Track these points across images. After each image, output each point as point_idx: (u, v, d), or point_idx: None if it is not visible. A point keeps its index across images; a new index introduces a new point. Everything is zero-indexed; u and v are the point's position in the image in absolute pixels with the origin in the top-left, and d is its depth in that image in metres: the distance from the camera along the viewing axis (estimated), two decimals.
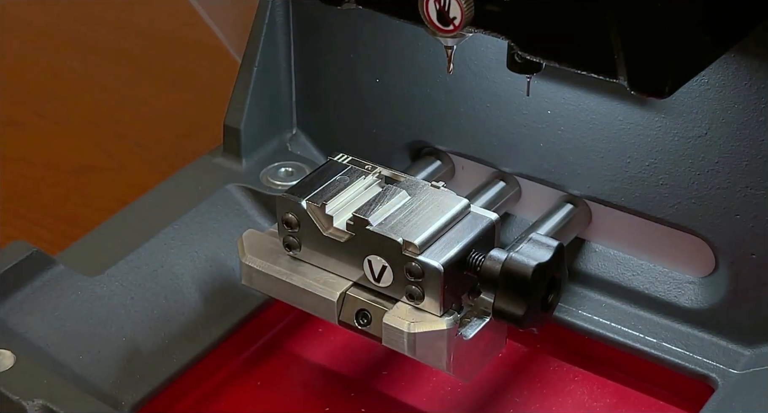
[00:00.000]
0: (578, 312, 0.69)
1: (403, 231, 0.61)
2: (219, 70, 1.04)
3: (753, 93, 0.61)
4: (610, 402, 0.69)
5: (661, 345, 0.67)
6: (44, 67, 1.12)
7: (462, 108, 0.71)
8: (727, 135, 0.63)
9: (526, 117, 0.69)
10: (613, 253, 0.70)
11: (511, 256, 0.60)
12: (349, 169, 0.65)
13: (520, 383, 0.70)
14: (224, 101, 0.78)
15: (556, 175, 0.69)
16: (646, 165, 0.66)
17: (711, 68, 0.59)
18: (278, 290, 0.64)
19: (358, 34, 0.74)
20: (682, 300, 0.68)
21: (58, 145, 1.01)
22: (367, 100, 0.75)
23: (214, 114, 0.85)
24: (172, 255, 0.72)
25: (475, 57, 0.69)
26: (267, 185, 0.76)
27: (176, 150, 0.99)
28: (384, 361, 0.71)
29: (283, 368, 0.71)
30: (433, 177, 0.73)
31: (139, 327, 0.69)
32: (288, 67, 0.78)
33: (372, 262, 0.61)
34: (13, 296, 0.67)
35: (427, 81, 0.72)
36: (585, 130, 0.67)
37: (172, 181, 0.77)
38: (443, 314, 0.60)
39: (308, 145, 0.80)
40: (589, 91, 0.66)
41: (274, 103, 0.79)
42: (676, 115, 0.64)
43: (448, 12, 0.53)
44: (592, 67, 0.52)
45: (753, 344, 0.66)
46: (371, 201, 0.63)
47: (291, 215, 0.63)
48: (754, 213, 0.64)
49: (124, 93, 1.08)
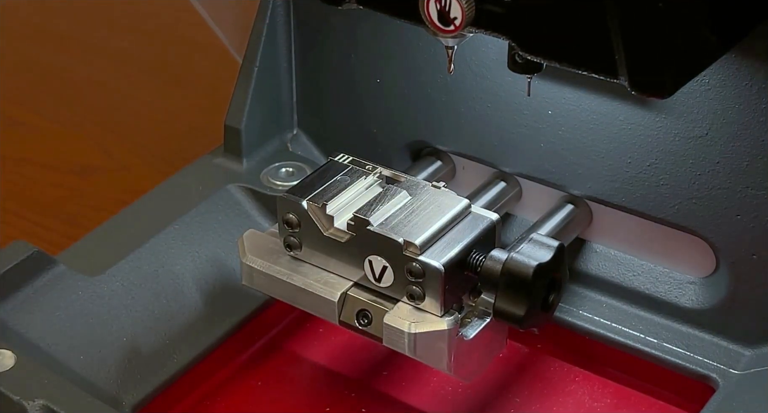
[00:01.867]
0: (579, 313, 0.69)
1: (403, 232, 0.61)
2: (220, 70, 1.04)
3: (754, 93, 0.61)
4: (610, 402, 0.69)
5: (662, 346, 0.67)
6: (44, 67, 1.12)
7: (463, 108, 0.71)
8: (728, 135, 0.63)
9: (526, 117, 0.69)
10: (613, 253, 0.70)
11: (512, 256, 0.60)
12: (350, 169, 0.65)
13: (521, 383, 0.70)
14: (225, 101, 0.78)
15: (557, 175, 0.69)
16: (646, 165, 0.66)
17: (712, 68, 0.59)
18: (279, 290, 0.64)
19: (358, 34, 0.74)
20: (682, 301, 0.68)
21: (58, 145, 1.01)
22: (367, 100, 0.75)
23: (215, 114, 0.85)
24: (173, 256, 0.72)
25: (476, 57, 0.69)
26: (268, 185, 0.76)
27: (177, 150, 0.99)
28: (384, 361, 0.71)
29: (284, 368, 0.71)
30: (433, 177, 0.73)
31: (139, 327, 0.69)
32: (289, 67, 0.78)
33: (373, 262, 0.61)
34: (13, 296, 0.67)
35: (427, 81, 0.72)
36: (586, 130, 0.67)
37: (172, 181, 0.77)
38: (444, 314, 0.60)
39: (309, 145, 0.80)
40: (589, 91, 0.66)
41: (274, 103, 0.79)
42: (677, 116, 0.64)
43: (448, 12, 0.53)
44: (593, 68, 0.52)
45: (754, 344, 0.66)
46: (372, 201, 0.63)
47: (292, 215, 0.63)
48: (755, 213, 0.64)
49: (125, 93, 1.08)
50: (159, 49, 1.14)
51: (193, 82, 1.08)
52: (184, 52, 1.12)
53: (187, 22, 1.13)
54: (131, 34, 1.16)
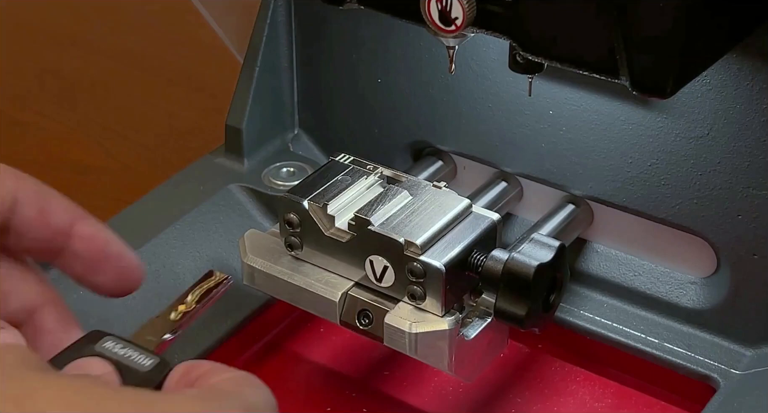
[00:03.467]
0: (580, 313, 0.69)
1: (404, 232, 0.61)
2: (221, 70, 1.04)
3: (755, 93, 0.61)
4: (611, 402, 0.69)
5: (663, 346, 0.67)
6: (44, 67, 1.12)
7: (464, 108, 0.71)
8: (729, 135, 0.63)
9: (527, 117, 0.69)
10: (614, 253, 0.70)
11: (513, 256, 0.60)
12: (351, 169, 0.65)
13: (522, 383, 0.70)
14: (226, 101, 0.78)
15: (558, 175, 0.69)
16: (647, 165, 0.66)
17: (713, 68, 0.59)
18: (280, 290, 0.64)
19: (360, 34, 0.74)
20: (683, 301, 0.68)
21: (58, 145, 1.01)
22: (368, 100, 0.75)
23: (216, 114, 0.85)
24: (174, 255, 0.72)
25: (477, 57, 0.69)
26: (269, 185, 0.76)
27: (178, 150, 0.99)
28: (385, 361, 0.71)
29: (285, 368, 0.71)
30: (434, 177, 0.73)
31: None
32: (290, 67, 0.78)
33: (374, 262, 0.61)
34: None
35: (428, 81, 0.72)
36: (587, 130, 0.67)
37: (173, 181, 0.77)
38: (445, 314, 0.60)
39: (310, 145, 0.80)
40: (590, 91, 0.66)
41: (276, 103, 0.79)
42: (678, 116, 0.64)
43: (449, 12, 0.53)
44: (594, 68, 0.52)
45: (755, 344, 0.66)
46: (373, 201, 0.63)
47: (293, 215, 0.63)
48: (756, 213, 0.64)
49: (125, 93, 1.08)
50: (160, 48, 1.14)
51: (194, 82, 1.08)
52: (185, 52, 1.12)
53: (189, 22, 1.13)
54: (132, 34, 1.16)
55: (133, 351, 0.46)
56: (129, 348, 0.47)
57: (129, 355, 0.46)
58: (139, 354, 0.46)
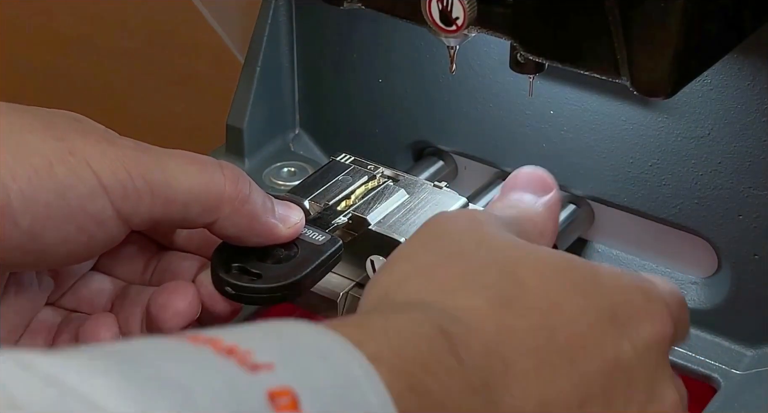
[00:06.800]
0: None
1: (401, 230, 0.60)
2: (222, 69, 1.04)
3: (756, 93, 0.61)
4: None
5: None
6: (44, 67, 1.12)
7: (464, 108, 0.71)
8: (730, 135, 0.63)
9: (528, 117, 0.69)
10: (615, 254, 0.70)
11: None
12: (352, 169, 0.65)
13: None
14: (227, 101, 0.78)
15: (559, 175, 0.69)
16: (648, 165, 0.66)
17: (714, 69, 0.59)
18: None
19: (360, 34, 0.74)
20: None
21: None
22: (369, 100, 0.75)
23: (217, 114, 0.85)
24: None
25: (478, 57, 0.69)
26: (270, 185, 0.76)
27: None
28: None
29: None
30: (435, 177, 0.73)
31: None
32: (291, 67, 0.78)
33: (374, 262, 0.61)
34: None
35: (429, 81, 0.72)
36: (588, 130, 0.67)
37: None
38: None
39: (311, 145, 0.80)
40: (591, 91, 0.66)
41: (276, 102, 0.78)
42: (679, 116, 0.64)
43: (450, 12, 0.53)
44: (595, 68, 0.52)
45: (756, 344, 0.66)
46: (370, 199, 0.63)
47: None
48: (757, 213, 0.64)
49: (126, 93, 1.08)
50: (161, 48, 1.14)
51: (195, 81, 1.08)
52: (186, 52, 1.12)
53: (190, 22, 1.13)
54: (133, 34, 1.16)
55: (308, 229, 0.58)
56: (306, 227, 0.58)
57: (305, 232, 0.58)
58: (312, 232, 0.58)
